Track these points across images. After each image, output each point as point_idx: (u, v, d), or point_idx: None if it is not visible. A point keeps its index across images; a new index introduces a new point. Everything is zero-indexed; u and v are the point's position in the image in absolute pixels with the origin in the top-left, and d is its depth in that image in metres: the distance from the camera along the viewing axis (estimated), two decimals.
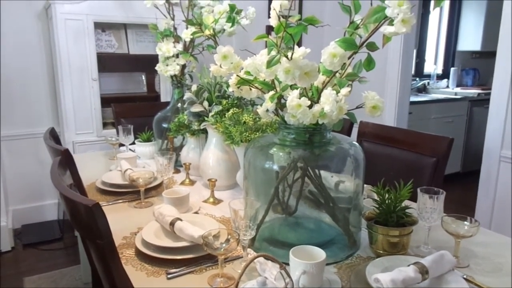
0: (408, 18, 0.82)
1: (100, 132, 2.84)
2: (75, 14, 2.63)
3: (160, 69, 2.00)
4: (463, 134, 4.32)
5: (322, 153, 1.12)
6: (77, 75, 2.71)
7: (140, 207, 1.46)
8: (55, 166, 1.13)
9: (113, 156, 2.09)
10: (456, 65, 4.96)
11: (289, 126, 1.06)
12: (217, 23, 1.40)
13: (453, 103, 4.26)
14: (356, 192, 1.15)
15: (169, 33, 1.96)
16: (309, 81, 0.92)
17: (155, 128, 2.06)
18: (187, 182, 1.73)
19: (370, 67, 0.92)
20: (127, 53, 3.05)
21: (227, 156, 1.63)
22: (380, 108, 1.01)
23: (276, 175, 1.13)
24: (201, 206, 1.46)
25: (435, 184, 1.54)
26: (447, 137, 1.61)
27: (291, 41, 0.90)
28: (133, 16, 2.81)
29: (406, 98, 3.16)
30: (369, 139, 1.92)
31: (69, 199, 0.95)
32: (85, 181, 1.58)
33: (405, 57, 3.03)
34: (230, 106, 1.54)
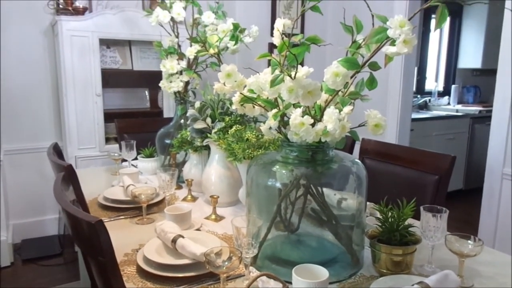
0: (410, 39, 0.83)
1: (103, 147, 2.85)
2: (81, 30, 2.67)
3: (164, 85, 2.02)
4: (465, 151, 4.32)
5: (324, 170, 1.12)
6: (81, 91, 2.74)
7: (142, 224, 1.46)
8: (58, 181, 1.14)
9: (115, 172, 2.09)
10: (457, 83, 4.99)
11: (292, 143, 1.07)
12: (221, 41, 1.42)
13: (455, 120, 4.27)
14: (359, 210, 1.15)
15: (173, 51, 1.99)
16: (312, 100, 0.93)
17: (157, 144, 2.07)
18: (189, 198, 1.73)
19: (373, 86, 0.93)
20: (131, 69, 3.09)
21: (229, 173, 1.63)
22: (383, 127, 1.02)
23: (279, 192, 1.13)
24: (203, 223, 1.45)
25: (438, 202, 1.54)
26: (449, 155, 1.61)
27: (295, 60, 0.91)
28: (138, 33, 2.85)
29: (407, 115, 3.17)
30: (371, 157, 1.92)
31: (72, 215, 0.95)
32: (87, 197, 1.58)
33: (406, 75, 3.05)
34: (233, 123, 1.55)
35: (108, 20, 2.76)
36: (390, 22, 0.84)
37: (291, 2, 3.43)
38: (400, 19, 0.83)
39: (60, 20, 2.62)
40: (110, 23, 2.76)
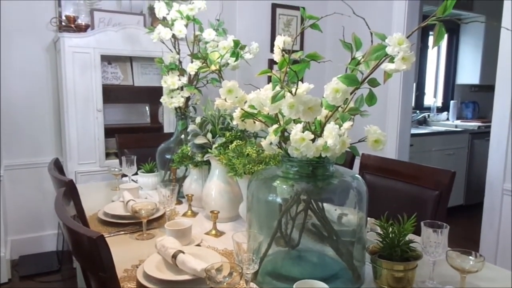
0: (408, 56, 0.84)
1: (103, 162, 2.85)
2: (82, 47, 2.71)
3: (164, 101, 2.04)
4: (465, 166, 4.33)
5: (325, 186, 1.13)
6: (82, 106, 2.76)
7: (141, 239, 1.45)
8: (59, 197, 1.14)
9: (115, 187, 2.09)
10: (456, 98, 5.03)
11: (292, 159, 1.07)
12: (222, 58, 1.44)
13: (454, 135, 4.29)
14: (359, 225, 1.15)
15: (175, 67, 2.01)
16: (312, 116, 0.95)
17: (158, 159, 2.07)
18: (189, 213, 1.73)
19: (372, 102, 0.95)
20: (132, 84, 3.11)
21: (229, 188, 1.63)
22: (382, 142, 1.03)
23: (279, 207, 1.13)
24: (203, 238, 1.45)
25: (439, 218, 1.54)
26: (449, 171, 1.62)
27: (295, 77, 0.93)
28: (139, 50, 2.89)
29: (407, 130, 3.19)
30: (371, 172, 1.92)
31: (73, 230, 0.95)
32: (87, 212, 1.57)
33: (405, 90, 3.08)
34: (233, 138, 1.56)
35: (110, 36, 2.79)
36: (388, 40, 0.86)
37: (290, 19, 3.48)
38: (398, 37, 0.85)
39: (63, 37, 2.65)
40: (112, 39, 2.80)
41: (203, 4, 1.99)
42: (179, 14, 1.97)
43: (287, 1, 3.42)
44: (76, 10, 2.83)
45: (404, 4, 2.93)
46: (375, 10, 3.13)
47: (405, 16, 2.94)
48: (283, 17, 3.44)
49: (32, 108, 2.96)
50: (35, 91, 2.95)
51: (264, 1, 3.34)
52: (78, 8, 2.85)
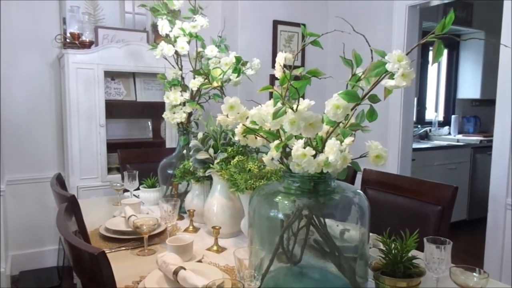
0: (408, 73, 0.85)
1: (105, 177, 2.86)
2: (86, 63, 2.74)
3: (167, 116, 2.05)
4: (467, 181, 4.31)
5: (327, 201, 1.13)
6: (85, 121, 2.78)
7: (143, 255, 1.45)
8: (61, 212, 1.14)
9: (117, 202, 2.09)
10: (457, 113, 5.04)
11: (294, 174, 1.07)
12: (224, 74, 1.45)
13: (456, 150, 4.29)
14: (361, 241, 1.14)
15: (177, 83, 2.03)
16: (313, 132, 0.95)
17: (160, 174, 2.07)
18: (190, 229, 1.72)
19: (373, 118, 0.95)
20: (134, 100, 3.14)
21: (231, 203, 1.63)
22: (384, 158, 1.03)
23: (281, 223, 1.13)
24: (204, 254, 1.44)
25: (442, 233, 1.53)
26: (451, 186, 1.61)
27: (297, 94, 0.93)
28: (142, 66, 2.92)
29: (408, 145, 3.19)
30: (373, 187, 1.92)
31: (74, 246, 0.95)
32: (88, 227, 1.57)
33: (406, 105, 3.09)
34: (235, 154, 1.57)
35: (113, 53, 2.83)
36: (388, 57, 0.87)
37: (291, 35, 3.52)
38: (398, 54, 0.86)
39: (67, 53, 2.69)
40: (115, 56, 2.83)
41: (206, 22, 2.02)
42: (182, 31, 2.00)
43: (288, 18, 3.47)
44: (80, 27, 2.87)
45: (404, 21, 2.97)
46: (375, 27, 3.17)
47: (405, 33, 2.97)
48: (284, 33, 3.48)
49: (35, 123, 2.98)
50: (39, 106, 2.98)
51: (265, 18, 3.39)
52: (82, 25, 2.89)
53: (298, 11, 3.51)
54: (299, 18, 3.49)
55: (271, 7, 3.40)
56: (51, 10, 2.94)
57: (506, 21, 2.28)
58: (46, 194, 2.95)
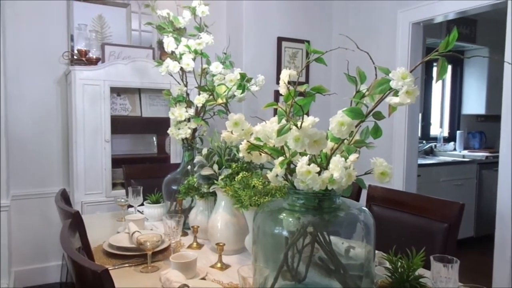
0: (412, 90, 0.86)
1: (109, 192, 2.86)
2: (93, 79, 2.77)
3: (172, 132, 2.06)
4: (474, 197, 4.27)
5: (331, 218, 1.12)
6: (90, 137, 2.79)
7: (146, 272, 1.44)
8: (65, 228, 1.14)
9: (121, 217, 2.08)
10: (462, 128, 5.02)
11: (298, 191, 1.07)
12: (230, 91, 1.46)
13: (462, 166, 4.26)
14: (367, 259, 1.12)
15: (182, 99, 2.05)
16: (318, 149, 0.95)
17: (164, 190, 2.07)
18: (194, 245, 1.71)
19: (377, 135, 0.95)
20: (140, 115, 3.16)
21: (235, 220, 1.62)
22: (389, 175, 1.02)
23: (286, 240, 1.12)
24: (208, 272, 1.43)
25: (449, 251, 1.51)
26: (457, 203, 1.60)
27: (301, 111, 0.94)
28: (148, 82, 2.95)
29: (414, 161, 3.17)
30: (378, 203, 1.91)
31: (77, 263, 0.94)
32: (92, 243, 1.56)
33: (411, 121, 3.09)
34: (239, 170, 1.56)
35: (119, 69, 2.86)
36: (392, 74, 0.88)
37: (296, 51, 3.55)
38: (402, 71, 0.86)
39: (74, 70, 2.72)
40: (121, 72, 2.87)
41: (211, 39, 2.05)
42: (187, 48, 2.03)
43: (292, 35, 3.51)
44: (88, 44, 2.92)
45: (408, 38, 2.99)
46: (379, 44, 3.20)
47: (408, 49, 2.98)
48: (289, 50, 3.51)
49: (41, 139, 3.00)
50: (45, 122, 3.01)
51: (270, 35, 3.43)
52: (90, 42, 2.93)
53: (302, 28, 3.55)
54: (303, 35, 3.53)
55: (275, 24, 3.44)
56: (59, 27, 2.99)
57: (509, 38, 2.29)
58: (50, 209, 2.96)
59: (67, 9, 3.01)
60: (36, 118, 2.98)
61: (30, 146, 2.97)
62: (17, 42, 2.86)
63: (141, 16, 3.29)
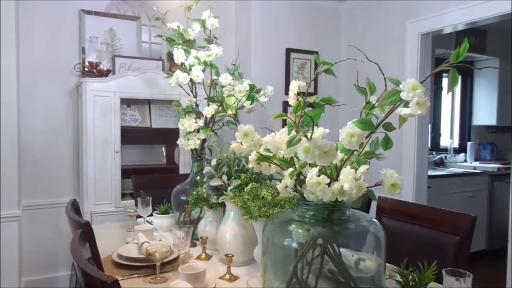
0: (423, 101, 0.85)
1: (119, 203, 2.87)
2: (103, 91, 2.81)
3: (181, 143, 2.07)
4: (485, 209, 4.20)
5: (341, 230, 1.11)
6: (100, 147, 2.82)
7: (155, 283, 1.43)
8: (75, 239, 1.14)
9: (130, 228, 2.09)
10: (473, 139, 4.97)
11: (308, 202, 1.06)
12: (239, 102, 1.47)
13: (473, 177, 4.20)
14: (378, 272, 1.11)
15: (191, 110, 2.06)
16: (328, 160, 0.95)
17: (173, 201, 2.08)
18: (203, 256, 1.71)
19: (388, 146, 0.95)
20: (149, 126, 3.18)
21: (244, 231, 1.61)
22: (400, 186, 1.01)
23: (295, 252, 1.11)
24: (217, 283, 1.42)
25: (461, 264, 1.49)
26: (469, 215, 1.57)
27: (311, 122, 0.94)
28: (157, 93, 2.98)
29: (424, 172, 3.14)
30: (388, 215, 1.89)
31: (87, 273, 0.94)
32: (101, 254, 1.57)
33: (420, 132, 3.07)
34: (248, 181, 1.56)
35: (129, 81, 2.90)
36: (402, 85, 0.87)
37: (304, 62, 3.57)
38: (412, 82, 0.86)
39: (85, 82, 2.76)
40: (131, 83, 2.90)
41: (220, 51, 2.07)
42: (197, 60, 2.04)
43: (300, 46, 3.53)
44: (99, 56, 2.96)
45: (417, 49, 2.99)
46: (388, 55, 3.20)
47: (417, 60, 2.98)
48: (297, 61, 3.53)
49: (53, 149, 3.04)
50: (56, 133, 3.04)
51: (278, 46, 3.45)
52: (100, 54, 2.98)
53: (310, 39, 3.57)
54: (312, 46, 3.55)
55: (283, 36, 3.47)
56: (71, 40, 3.05)
57: None
58: (61, 219, 2.98)
59: (79, 22, 3.07)
60: (48, 129, 3.02)
61: (41, 156, 3.00)
62: (30, 54, 2.92)
63: (151, 28, 3.34)
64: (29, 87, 2.93)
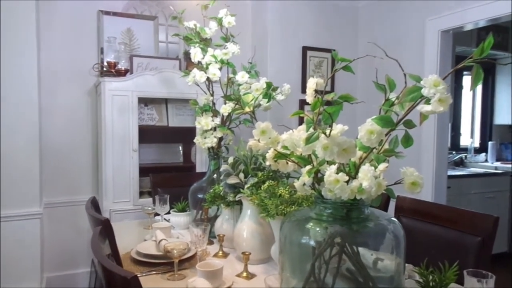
0: (445, 98, 0.84)
1: (137, 201, 2.90)
2: (121, 90, 2.84)
3: (198, 141, 2.08)
4: (507, 210, 4.10)
5: (360, 229, 1.09)
6: (118, 146, 2.85)
7: (173, 279, 1.44)
8: (96, 235, 1.16)
9: (148, 225, 2.11)
10: (494, 139, 4.86)
11: (326, 200, 1.05)
12: (256, 100, 1.47)
13: (494, 178, 4.11)
14: (397, 272, 1.09)
15: (208, 108, 2.07)
16: (347, 157, 0.94)
17: (190, 199, 2.09)
18: (220, 254, 1.71)
19: (408, 144, 0.93)
20: (166, 125, 3.21)
21: (261, 229, 1.61)
22: (420, 185, 1.00)
23: (313, 250, 1.10)
24: (234, 281, 1.42)
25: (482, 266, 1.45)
26: (491, 216, 1.54)
27: (330, 119, 0.93)
28: (175, 92, 3.00)
29: (443, 172, 3.09)
30: (407, 215, 1.86)
31: (107, 269, 0.96)
32: (120, 250, 1.59)
33: (440, 131, 3.01)
34: (265, 179, 1.56)
35: (147, 80, 2.92)
36: (424, 82, 0.86)
37: (321, 61, 3.54)
38: (434, 79, 0.84)
39: (104, 81, 2.80)
40: (149, 83, 2.93)
41: (237, 49, 2.07)
42: (213, 58, 2.05)
43: (317, 44, 3.50)
44: (117, 56, 3.00)
45: (436, 46, 2.93)
46: (406, 52, 3.15)
47: (437, 58, 2.93)
48: (314, 59, 3.51)
49: (73, 148, 3.09)
50: (76, 132, 3.10)
51: (295, 44, 3.44)
52: (118, 54, 3.02)
53: (327, 37, 3.54)
54: (329, 44, 3.52)
55: (300, 34, 3.45)
56: (90, 41, 3.10)
57: None
58: (80, 217, 3.03)
59: (97, 22, 3.11)
60: (68, 128, 3.07)
61: (61, 155, 3.06)
62: (50, 55, 2.97)
63: (168, 28, 3.36)
64: (50, 87, 2.98)
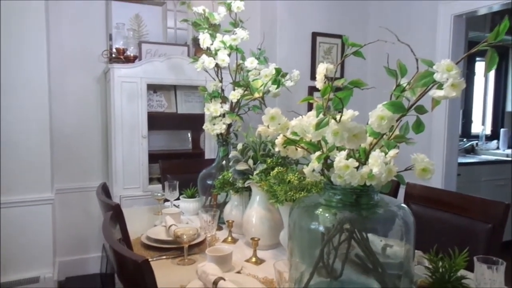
0: (458, 83, 0.82)
1: (146, 187, 2.93)
2: (130, 77, 2.85)
3: (207, 128, 2.08)
4: None
5: (369, 215, 1.09)
6: (128, 133, 2.87)
7: (183, 264, 1.46)
8: (107, 220, 1.18)
9: (157, 211, 2.13)
10: (506, 126, 4.79)
11: (335, 186, 1.05)
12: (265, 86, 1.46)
13: (505, 165, 4.06)
14: (407, 258, 1.09)
15: (217, 95, 2.07)
16: (357, 143, 0.93)
17: (199, 185, 2.10)
18: (229, 240, 1.73)
19: (420, 129, 0.92)
20: (175, 112, 3.22)
21: (270, 215, 1.62)
22: (431, 171, 0.99)
23: (322, 236, 1.11)
24: (243, 266, 1.44)
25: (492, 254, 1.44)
26: (502, 202, 1.53)
27: (340, 104, 0.92)
28: (183, 79, 3.00)
29: (454, 159, 3.06)
30: (417, 202, 1.85)
31: (119, 253, 0.97)
32: (130, 235, 1.61)
33: (451, 117, 2.97)
34: (274, 165, 1.56)
35: (155, 67, 2.92)
36: (436, 66, 0.84)
37: (331, 47, 3.50)
38: (447, 63, 0.83)
39: (112, 68, 2.80)
40: (157, 69, 2.93)
41: (246, 34, 2.05)
42: (222, 44, 2.04)
43: (327, 30, 3.46)
44: (125, 43, 3.00)
45: (449, 31, 2.88)
46: (418, 37, 3.09)
47: (449, 43, 2.87)
48: (323, 45, 3.47)
49: (83, 135, 3.12)
50: (86, 118, 3.12)
51: (304, 30, 3.40)
52: (127, 41, 3.01)
53: (337, 23, 3.49)
54: (338, 29, 3.47)
55: (310, 19, 3.40)
56: (98, 27, 3.09)
57: None
58: (91, 202, 3.07)
59: (106, 9, 3.10)
60: (78, 115, 3.09)
61: (72, 142, 3.09)
62: (59, 42, 2.98)
63: (176, 14, 3.34)
64: (59, 74, 3.00)
